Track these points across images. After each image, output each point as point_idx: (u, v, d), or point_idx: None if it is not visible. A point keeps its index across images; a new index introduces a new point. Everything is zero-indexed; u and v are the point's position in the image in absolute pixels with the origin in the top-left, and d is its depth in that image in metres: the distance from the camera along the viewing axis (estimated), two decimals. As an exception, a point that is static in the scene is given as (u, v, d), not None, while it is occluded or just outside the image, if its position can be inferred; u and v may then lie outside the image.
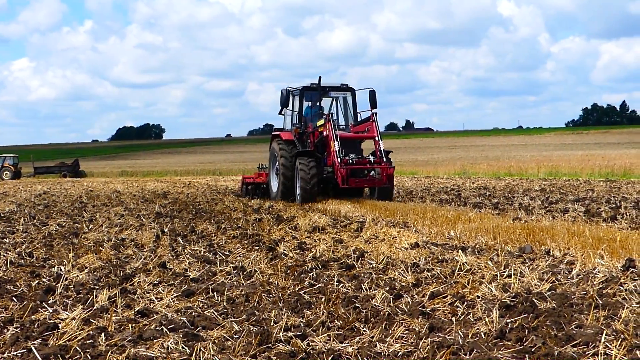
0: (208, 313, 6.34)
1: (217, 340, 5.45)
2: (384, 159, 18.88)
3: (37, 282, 7.97)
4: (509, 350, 4.97)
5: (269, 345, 5.30)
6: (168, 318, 6.09)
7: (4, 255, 9.88)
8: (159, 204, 20.43)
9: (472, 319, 5.89)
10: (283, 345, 5.30)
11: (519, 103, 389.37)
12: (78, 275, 8.31)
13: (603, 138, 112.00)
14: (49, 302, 6.84)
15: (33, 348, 5.16)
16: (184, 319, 6.00)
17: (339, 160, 18.48)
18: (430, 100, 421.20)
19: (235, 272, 8.43)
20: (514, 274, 7.25)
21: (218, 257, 9.66)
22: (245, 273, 8.37)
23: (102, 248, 10.62)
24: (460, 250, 9.07)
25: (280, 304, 6.66)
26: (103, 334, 5.54)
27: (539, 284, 6.91)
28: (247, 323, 5.93)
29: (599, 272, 7.30)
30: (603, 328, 5.27)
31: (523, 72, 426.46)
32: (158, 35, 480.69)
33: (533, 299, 6.20)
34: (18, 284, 7.84)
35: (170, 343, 5.32)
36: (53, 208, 20.12)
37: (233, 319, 6.08)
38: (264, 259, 9.39)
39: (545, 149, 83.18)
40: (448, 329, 5.60)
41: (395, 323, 5.85)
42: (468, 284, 7.05)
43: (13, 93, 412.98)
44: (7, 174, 60.24)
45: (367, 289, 7.18)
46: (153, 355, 5.11)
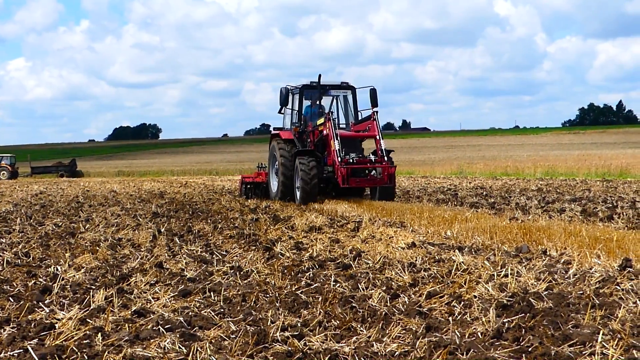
0: (205, 313, 6.33)
1: (214, 340, 5.44)
2: (385, 158, 18.61)
3: (33, 282, 7.96)
4: (506, 350, 4.97)
5: (266, 345, 5.30)
6: (165, 318, 6.08)
7: (1, 255, 9.86)
8: (156, 204, 20.41)
9: (469, 319, 5.89)
10: (280, 345, 5.30)
11: (516, 103, 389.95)
12: (75, 275, 8.30)
13: (600, 138, 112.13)
14: (46, 302, 6.82)
15: (30, 348, 5.15)
16: (181, 319, 5.99)
17: (339, 160, 18.24)
18: (427, 100, 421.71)
19: (232, 272, 8.43)
20: (511, 274, 7.25)
21: (215, 257, 9.66)
22: (242, 273, 8.37)
23: (98, 248, 10.60)
24: (457, 250, 9.07)
25: (277, 304, 6.66)
26: (100, 334, 5.53)
27: (536, 284, 6.91)
28: (243, 323, 5.92)
29: (596, 271, 7.30)
30: (600, 328, 5.28)
31: (520, 72, 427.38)
32: (154, 35, 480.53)
33: (530, 299, 6.21)
34: (14, 284, 7.82)
35: (167, 343, 5.32)
36: (50, 208, 20.09)
37: (230, 319, 6.07)
38: (261, 259, 9.39)
39: (542, 149, 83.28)
40: (445, 329, 5.60)
41: (392, 323, 5.85)
42: (465, 284, 7.04)
43: (9, 93, 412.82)
44: (4, 174, 60.22)
45: (364, 289, 7.17)
46: (150, 355, 5.10)
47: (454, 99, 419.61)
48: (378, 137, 18.76)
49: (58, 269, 8.68)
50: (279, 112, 21.27)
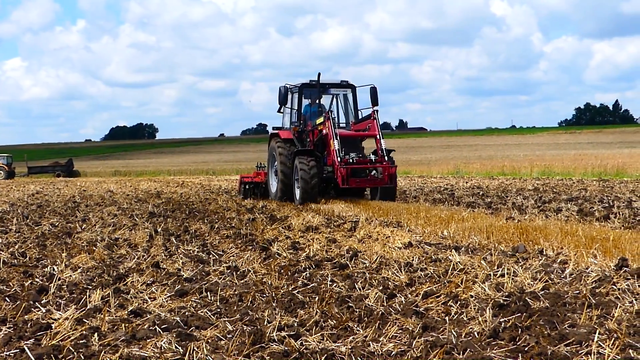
0: (201, 313, 6.33)
1: (210, 340, 5.44)
2: (386, 158, 18.28)
3: (30, 282, 7.95)
4: (503, 350, 4.98)
5: (262, 345, 5.30)
6: (161, 318, 6.08)
7: (-3, 255, 9.85)
8: (152, 204, 20.39)
9: (465, 319, 5.90)
10: (276, 345, 5.30)
11: (512, 103, 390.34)
12: (71, 275, 8.29)
13: (596, 137, 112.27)
14: (42, 302, 6.82)
15: (26, 348, 5.15)
16: (177, 319, 5.99)
17: (339, 160, 17.88)
18: (424, 100, 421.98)
19: (229, 271, 8.43)
20: (507, 274, 7.26)
21: (211, 256, 9.65)
22: (239, 273, 8.37)
23: (95, 248, 10.59)
24: (454, 250, 9.08)
25: (274, 304, 6.66)
26: (96, 334, 5.53)
27: (532, 284, 6.92)
28: (240, 323, 5.92)
29: (592, 271, 7.31)
30: (596, 327, 5.28)
31: (516, 71, 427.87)
32: (151, 35, 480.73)
33: (526, 298, 6.22)
34: (11, 284, 7.81)
35: (164, 343, 5.32)
36: (46, 208, 20.07)
37: (226, 319, 6.07)
38: (258, 259, 9.38)
39: (539, 149, 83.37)
40: (441, 329, 5.60)
41: (389, 322, 5.85)
42: (461, 284, 7.05)
43: (6, 93, 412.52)
44: (1, 174, 60.13)
45: (360, 289, 7.18)
46: (146, 355, 5.10)
47: (451, 99, 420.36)
48: (378, 136, 18.41)
49: (54, 269, 8.68)
50: (278, 111, 20.92)
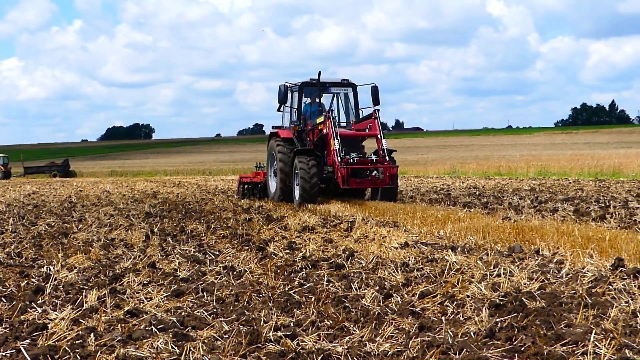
0: (198, 313, 6.33)
1: (206, 340, 5.44)
2: (387, 158, 17.98)
3: (26, 282, 7.95)
4: (499, 350, 4.98)
5: (259, 345, 5.30)
6: (158, 318, 6.08)
7: (-7, 256, 9.84)
8: (149, 204, 20.38)
9: (461, 319, 5.90)
10: (273, 345, 5.30)
11: (509, 103, 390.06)
12: (67, 275, 8.29)
13: (592, 138, 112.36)
14: (38, 302, 6.81)
15: (22, 348, 5.14)
16: (174, 319, 5.99)
17: (340, 160, 17.54)
18: (420, 100, 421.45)
19: (225, 272, 8.43)
20: (504, 274, 7.27)
21: (208, 257, 9.65)
22: (235, 273, 8.37)
23: (91, 248, 10.59)
24: (450, 250, 9.09)
25: (270, 304, 6.66)
26: (92, 334, 5.53)
27: (529, 284, 6.93)
28: (236, 323, 5.92)
29: (588, 271, 7.32)
30: (592, 327, 5.29)
31: (512, 71, 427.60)
32: (147, 35, 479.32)
33: (522, 298, 6.22)
34: (7, 284, 7.81)
35: (160, 343, 5.31)
36: (42, 208, 20.05)
37: (223, 319, 6.07)
38: (254, 259, 9.38)
39: (535, 149, 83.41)
40: (438, 329, 5.61)
41: (385, 322, 5.85)
42: (458, 284, 7.06)
43: (2, 93, 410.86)
44: (-4, 174, 60.03)
45: (356, 289, 7.18)
46: (142, 356, 5.10)
47: (447, 99, 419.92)
48: (379, 136, 18.07)
49: (51, 269, 8.67)
50: (278, 110, 20.63)
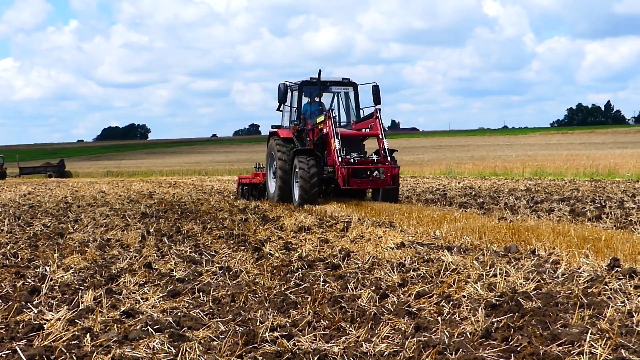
0: (194, 313, 6.33)
1: (202, 341, 5.44)
2: (388, 158, 17.71)
3: (22, 282, 7.93)
4: (495, 350, 4.99)
5: (255, 346, 5.30)
6: (154, 318, 6.07)
7: (-12, 256, 9.83)
8: (145, 204, 20.36)
9: (457, 319, 5.91)
10: (269, 345, 5.30)
11: (505, 103, 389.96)
12: (63, 276, 8.28)
13: (588, 138, 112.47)
14: (34, 302, 6.80)
15: (18, 349, 5.13)
16: (170, 319, 5.98)
17: (340, 160, 17.28)
18: (416, 100, 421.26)
19: (221, 272, 8.42)
20: (500, 274, 7.28)
21: (204, 257, 9.65)
22: (231, 273, 8.36)
23: (87, 248, 10.57)
24: (446, 250, 9.09)
25: (266, 304, 6.66)
26: (88, 335, 5.52)
27: (525, 284, 6.94)
28: (233, 323, 5.92)
29: (584, 271, 7.33)
30: (588, 327, 5.30)
31: (508, 72, 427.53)
32: (143, 35, 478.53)
33: (518, 299, 6.23)
34: (3, 285, 7.80)
35: (156, 343, 5.31)
36: (38, 208, 20.02)
37: (219, 319, 6.07)
38: (250, 259, 9.38)
39: (531, 149, 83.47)
40: (434, 329, 5.61)
41: (381, 323, 5.86)
42: (454, 284, 7.06)
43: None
44: (-8, 174, 59.94)
45: (353, 289, 7.18)
46: (139, 356, 5.09)
47: (443, 99, 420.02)
48: (381, 136, 17.85)
49: (46, 270, 8.66)
50: (278, 109, 20.42)
